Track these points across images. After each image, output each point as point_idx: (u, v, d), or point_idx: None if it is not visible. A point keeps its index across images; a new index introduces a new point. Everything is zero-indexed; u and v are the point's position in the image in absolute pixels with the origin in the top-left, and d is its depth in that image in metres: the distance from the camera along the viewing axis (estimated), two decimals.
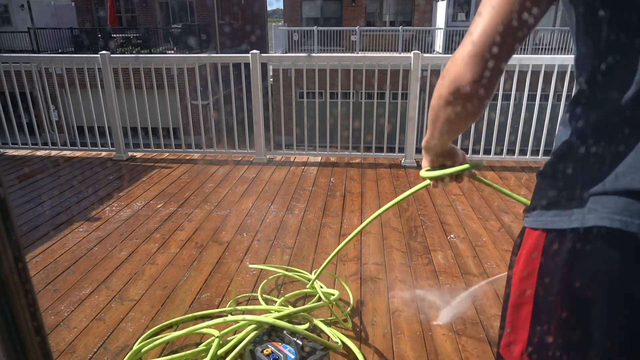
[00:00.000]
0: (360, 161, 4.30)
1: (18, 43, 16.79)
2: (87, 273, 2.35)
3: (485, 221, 2.97)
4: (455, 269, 2.38)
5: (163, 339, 1.75)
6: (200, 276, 2.32)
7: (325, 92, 4.97)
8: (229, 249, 2.60)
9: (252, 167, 4.13)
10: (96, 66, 4.26)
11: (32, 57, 7.40)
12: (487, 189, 3.56)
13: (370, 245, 2.65)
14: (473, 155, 4.19)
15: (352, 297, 2.12)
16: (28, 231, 2.84)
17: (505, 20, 0.68)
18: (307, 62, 4.88)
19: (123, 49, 16.33)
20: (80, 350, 1.78)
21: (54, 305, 2.07)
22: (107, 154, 4.52)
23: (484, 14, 0.70)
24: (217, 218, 3.03)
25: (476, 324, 1.94)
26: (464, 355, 1.75)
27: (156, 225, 2.92)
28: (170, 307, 2.06)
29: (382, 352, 1.77)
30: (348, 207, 3.20)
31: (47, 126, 4.72)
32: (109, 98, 4.29)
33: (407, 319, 1.97)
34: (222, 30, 18.82)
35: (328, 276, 2.30)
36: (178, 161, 4.32)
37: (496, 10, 0.68)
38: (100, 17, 18.49)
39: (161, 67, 4.36)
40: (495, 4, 0.68)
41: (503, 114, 4.04)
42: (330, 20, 17.99)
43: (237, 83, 4.53)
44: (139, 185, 3.68)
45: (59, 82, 4.16)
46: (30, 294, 0.33)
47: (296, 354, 1.64)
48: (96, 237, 2.76)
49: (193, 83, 7.89)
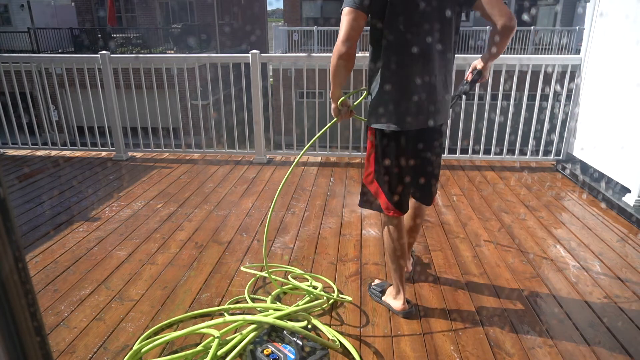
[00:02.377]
0: (360, 161, 4.30)
1: (18, 43, 16.78)
2: (87, 273, 2.35)
3: (486, 221, 2.97)
4: (455, 269, 2.38)
5: (163, 339, 1.75)
6: (200, 276, 2.32)
7: (325, 92, 4.96)
8: (229, 249, 2.60)
9: (252, 167, 4.13)
10: (96, 66, 4.26)
11: (32, 57, 7.40)
12: (487, 188, 3.56)
13: (370, 245, 2.65)
14: (473, 156, 4.19)
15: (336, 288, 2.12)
16: (28, 231, 2.84)
17: (348, 27, 1.66)
18: (307, 62, 4.88)
19: (123, 49, 16.32)
20: (80, 350, 1.78)
21: (54, 305, 2.07)
22: (107, 154, 4.52)
23: (342, 23, 1.67)
24: (217, 218, 3.03)
25: (476, 324, 1.94)
26: (464, 355, 1.75)
27: (156, 225, 2.92)
28: (170, 307, 2.05)
29: (382, 352, 1.77)
30: (348, 207, 3.20)
31: (47, 126, 4.72)
32: (109, 98, 4.29)
33: (407, 318, 1.97)
34: (222, 30, 18.81)
35: (327, 275, 2.30)
36: (178, 161, 4.32)
37: (344, 22, 1.66)
38: (100, 17, 18.48)
39: (161, 67, 4.36)
40: (344, 19, 1.66)
41: (503, 114, 4.04)
42: (330, 20, 17.96)
43: (237, 83, 4.54)
44: (139, 185, 3.68)
45: (59, 82, 4.16)
46: (30, 294, 0.33)
47: (296, 354, 1.64)
48: (96, 237, 2.76)
49: (193, 83, 7.92)
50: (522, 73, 3.87)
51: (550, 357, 1.74)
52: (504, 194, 3.46)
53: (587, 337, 1.86)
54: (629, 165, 3.10)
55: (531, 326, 1.92)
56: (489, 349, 1.79)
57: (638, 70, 3.09)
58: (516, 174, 3.93)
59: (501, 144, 4.13)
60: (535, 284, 2.25)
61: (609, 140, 3.42)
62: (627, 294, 2.17)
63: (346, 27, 1.66)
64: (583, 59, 3.76)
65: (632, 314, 2.01)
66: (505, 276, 2.31)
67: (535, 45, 15.25)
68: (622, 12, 3.32)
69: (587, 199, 3.37)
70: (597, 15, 3.56)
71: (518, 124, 4.05)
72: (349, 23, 1.65)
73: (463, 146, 4.23)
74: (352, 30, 1.66)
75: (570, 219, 3.04)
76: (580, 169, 3.74)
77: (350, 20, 1.65)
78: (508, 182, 3.71)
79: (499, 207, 3.19)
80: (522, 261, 2.46)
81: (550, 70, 3.89)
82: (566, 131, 3.99)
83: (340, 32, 1.67)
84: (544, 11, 17.16)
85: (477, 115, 4.10)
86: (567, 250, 2.59)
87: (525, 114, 4.04)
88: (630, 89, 3.15)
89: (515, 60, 4.01)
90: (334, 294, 2.13)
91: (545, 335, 1.86)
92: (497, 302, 2.09)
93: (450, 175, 3.88)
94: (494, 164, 4.15)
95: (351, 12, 1.65)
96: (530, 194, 3.46)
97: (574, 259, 2.50)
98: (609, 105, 3.48)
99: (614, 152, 3.33)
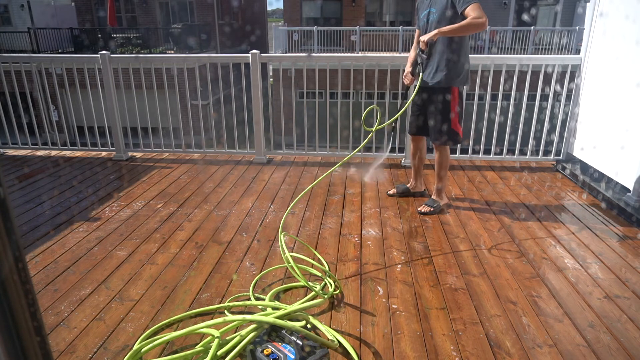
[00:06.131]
0: (360, 161, 4.30)
1: (18, 43, 16.77)
2: (87, 273, 2.35)
3: (486, 221, 2.97)
4: (455, 269, 2.38)
5: (163, 338, 1.75)
6: (200, 276, 2.32)
7: (325, 92, 4.96)
8: (229, 249, 2.60)
9: (252, 167, 4.13)
10: (96, 66, 4.26)
11: (32, 57, 7.40)
12: (486, 188, 3.56)
13: (370, 245, 2.65)
14: (473, 156, 4.19)
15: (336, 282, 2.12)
16: (28, 231, 2.84)
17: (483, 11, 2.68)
18: (307, 62, 4.88)
19: (123, 49, 16.32)
20: (80, 350, 1.78)
21: (54, 305, 2.07)
22: (107, 154, 4.52)
23: (476, 9, 2.65)
24: (217, 218, 3.03)
25: (476, 323, 1.94)
26: (463, 355, 1.75)
27: (156, 225, 2.92)
28: (170, 307, 2.06)
29: (382, 352, 1.77)
30: (348, 207, 3.20)
31: (47, 126, 4.72)
32: (109, 98, 4.29)
33: (407, 319, 1.97)
34: (222, 30, 18.81)
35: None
36: (178, 161, 4.32)
37: (479, 7, 2.67)
38: (100, 17, 18.48)
39: (161, 67, 4.36)
40: (478, 5, 2.69)
41: (503, 114, 4.04)
42: (330, 20, 17.98)
43: (237, 83, 4.53)
44: (139, 185, 3.68)
45: (59, 82, 4.16)
46: (30, 294, 0.33)
47: (296, 354, 1.64)
48: (96, 237, 2.76)
49: (193, 83, 7.89)
50: (522, 73, 3.87)
51: (550, 357, 1.74)
52: (504, 194, 3.46)
53: (587, 337, 1.86)
54: (629, 165, 3.10)
55: (531, 326, 1.92)
56: (489, 349, 1.79)
57: (638, 70, 3.09)
58: (516, 174, 3.93)
59: (501, 144, 4.13)
60: (535, 284, 2.25)
61: (609, 140, 3.42)
62: (627, 294, 2.17)
63: (482, 11, 2.63)
64: (583, 59, 3.76)
65: (632, 314, 2.01)
66: (505, 276, 2.31)
67: (535, 45, 15.25)
68: (622, 12, 3.32)
69: (587, 199, 3.37)
70: (597, 15, 3.56)
71: (518, 124, 4.05)
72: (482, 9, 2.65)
73: (463, 146, 4.23)
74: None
75: (570, 219, 3.04)
76: (580, 169, 3.74)
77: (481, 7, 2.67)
78: (508, 182, 3.71)
79: (499, 207, 3.20)
80: (522, 261, 2.46)
81: (550, 70, 3.89)
82: (566, 131, 3.99)
83: (479, 13, 2.60)
84: (544, 11, 17.16)
85: (477, 115, 4.10)
86: (567, 250, 2.59)
87: (525, 114, 4.04)
88: (630, 89, 3.15)
89: (515, 60, 4.01)
90: (332, 290, 2.13)
91: (545, 335, 1.86)
92: (497, 302, 2.09)
93: (450, 175, 3.88)
94: (494, 164, 4.15)
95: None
96: (530, 194, 3.46)
97: (574, 259, 2.50)
98: (609, 105, 3.48)
99: (614, 152, 3.33)
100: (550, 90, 3.86)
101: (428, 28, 2.87)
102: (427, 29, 2.88)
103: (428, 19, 2.88)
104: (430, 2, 2.87)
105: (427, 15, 2.88)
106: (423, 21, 2.92)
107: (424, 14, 2.91)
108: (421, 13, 2.95)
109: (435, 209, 3.08)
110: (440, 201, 3.14)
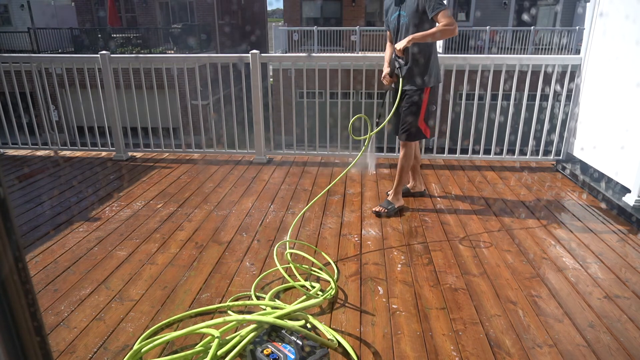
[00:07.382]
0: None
1: (18, 43, 16.78)
2: (87, 273, 2.35)
3: (485, 221, 2.97)
4: (455, 269, 2.38)
5: (163, 338, 1.75)
6: (200, 276, 2.32)
7: (325, 92, 4.97)
8: (229, 249, 2.60)
9: (252, 167, 4.13)
10: (96, 66, 4.26)
11: (32, 57, 7.38)
12: (487, 188, 3.56)
13: (370, 245, 2.65)
14: (473, 156, 4.19)
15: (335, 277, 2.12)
16: (28, 231, 2.84)
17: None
18: (307, 62, 4.88)
19: (123, 49, 16.32)
20: (80, 350, 1.78)
21: (54, 305, 2.07)
22: (107, 154, 4.52)
23: (447, 15, 2.71)
24: (217, 218, 3.03)
25: (476, 323, 1.94)
26: (463, 355, 1.75)
27: (156, 225, 2.92)
28: (170, 307, 2.05)
29: (381, 352, 1.77)
30: (348, 207, 3.20)
31: (47, 126, 4.72)
32: (109, 98, 4.29)
33: (407, 318, 1.97)
34: (222, 30, 18.81)
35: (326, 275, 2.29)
36: (178, 161, 4.32)
37: (449, 15, 2.73)
38: (100, 17, 18.48)
39: (161, 67, 4.36)
40: (447, 13, 2.75)
41: (503, 114, 4.04)
42: (330, 20, 17.98)
43: (237, 83, 4.54)
44: (139, 185, 3.68)
45: (59, 82, 4.16)
46: (30, 294, 0.33)
47: (296, 354, 1.64)
48: (96, 237, 2.76)
49: (193, 83, 7.90)
50: (522, 73, 3.87)
51: (550, 357, 1.74)
52: (504, 194, 3.46)
53: (587, 337, 1.86)
54: (628, 165, 3.10)
55: (531, 326, 1.92)
56: (489, 349, 1.79)
57: (638, 70, 3.09)
58: (516, 174, 3.93)
59: (501, 144, 4.13)
60: (535, 284, 2.25)
61: (609, 140, 3.42)
62: (627, 294, 2.17)
63: (452, 17, 2.70)
64: (583, 59, 3.76)
65: (632, 314, 2.01)
66: (505, 276, 2.31)
67: (535, 45, 15.25)
68: (622, 12, 3.32)
69: (587, 199, 3.37)
70: (597, 15, 3.56)
71: (518, 124, 4.05)
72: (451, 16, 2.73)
73: (463, 146, 4.23)
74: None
75: (570, 219, 3.04)
76: (580, 169, 3.74)
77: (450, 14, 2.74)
78: (508, 182, 3.71)
79: (499, 207, 3.20)
80: (522, 261, 2.46)
81: (550, 70, 3.89)
82: (566, 131, 3.99)
83: (450, 20, 2.67)
84: (544, 11, 17.16)
85: (477, 115, 4.10)
86: (567, 250, 2.59)
87: (525, 114, 4.04)
88: (630, 89, 3.15)
89: (515, 60, 4.01)
90: (331, 290, 2.13)
91: (546, 335, 1.86)
92: (497, 302, 2.09)
93: (450, 175, 3.88)
94: (494, 164, 4.15)
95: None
96: (530, 194, 3.47)
97: (574, 259, 2.50)
98: (609, 105, 3.48)
99: (614, 152, 3.33)
100: (550, 90, 3.86)
101: (399, 30, 2.89)
102: (398, 31, 2.91)
103: (399, 21, 2.89)
104: (399, 4, 2.88)
105: (398, 18, 2.89)
106: (394, 23, 2.93)
107: (394, 16, 2.91)
108: (391, 15, 2.95)
109: (389, 210, 3.04)
110: (396, 203, 3.10)
